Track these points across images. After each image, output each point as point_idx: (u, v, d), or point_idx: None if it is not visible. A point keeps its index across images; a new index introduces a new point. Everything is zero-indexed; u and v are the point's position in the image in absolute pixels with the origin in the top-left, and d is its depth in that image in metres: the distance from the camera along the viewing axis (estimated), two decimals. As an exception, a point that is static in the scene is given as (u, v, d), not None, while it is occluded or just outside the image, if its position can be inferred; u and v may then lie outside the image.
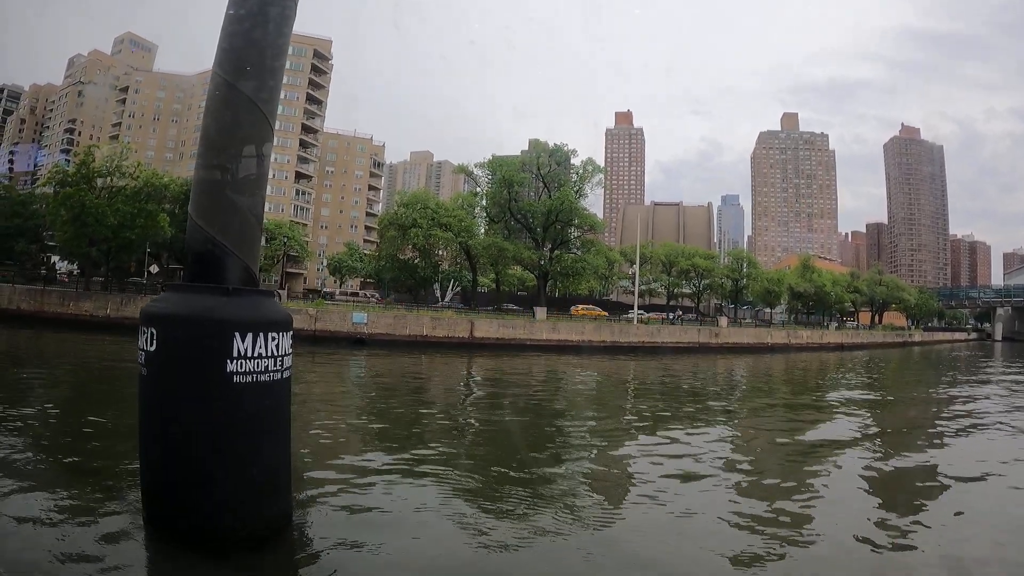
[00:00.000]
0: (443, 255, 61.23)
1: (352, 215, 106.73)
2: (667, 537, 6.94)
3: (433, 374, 25.33)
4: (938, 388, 27.82)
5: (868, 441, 13.44)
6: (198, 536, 5.25)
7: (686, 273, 72.75)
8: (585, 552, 6.31)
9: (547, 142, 57.17)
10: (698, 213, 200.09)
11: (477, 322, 41.07)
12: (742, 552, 6.42)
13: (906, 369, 43.73)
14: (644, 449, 11.56)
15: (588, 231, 58.01)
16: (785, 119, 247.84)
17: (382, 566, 5.67)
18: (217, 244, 5.50)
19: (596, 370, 30.06)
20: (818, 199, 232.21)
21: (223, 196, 5.57)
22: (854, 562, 6.34)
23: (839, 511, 7.88)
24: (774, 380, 29.97)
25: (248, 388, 5.28)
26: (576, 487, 8.88)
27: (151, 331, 5.28)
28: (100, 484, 7.11)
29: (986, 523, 7.61)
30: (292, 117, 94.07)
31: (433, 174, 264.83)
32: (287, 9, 5.85)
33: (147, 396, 5.44)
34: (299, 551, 5.81)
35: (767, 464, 10.84)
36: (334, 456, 9.68)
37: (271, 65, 5.76)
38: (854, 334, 78.53)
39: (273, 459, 5.66)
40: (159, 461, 5.41)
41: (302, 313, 37.27)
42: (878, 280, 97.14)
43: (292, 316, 6.09)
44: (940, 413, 18.89)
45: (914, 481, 9.90)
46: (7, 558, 5.20)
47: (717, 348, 50.30)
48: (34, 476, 7.38)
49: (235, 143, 5.60)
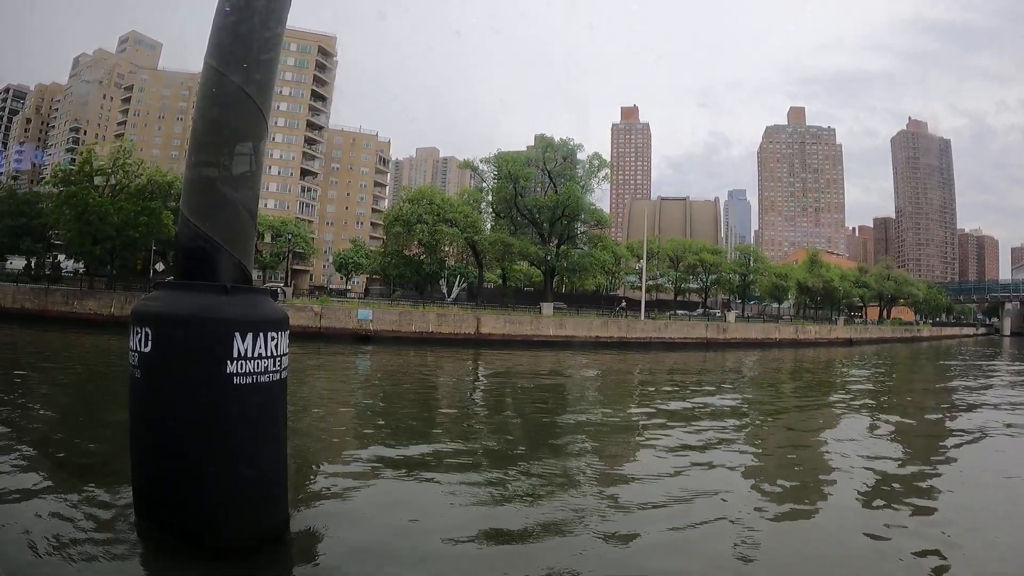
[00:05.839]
0: (449, 251, 61.07)
1: (358, 212, 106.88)
2: (678, 529, 6.84)
3: (438, 370, 25.18)
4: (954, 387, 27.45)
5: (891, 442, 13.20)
6: (194, 539, 5.16)
7: (693, 268, 72.46)
8: (595, 545, 6.25)
9: (553, 137, 56.83)
10: (705, 208, 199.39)
11: (483, 318, 40.91)
12: (747, 553, 6.30)
13: (916, 365, 43.34)
14: (652, 442, 11.45)
15: (595, 226, 57.75)
16: (792, 113, 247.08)
17: (382, 567, 5.56)
18: (209, 241, 5.34)
19: (603, 365, 29.88)
20: (825, 193, 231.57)
21: (215, 191, 5.40)
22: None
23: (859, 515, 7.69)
24: (781, 376, 29.72)
25: (247, 389, 5.13)
26: (586, 482, 8.76)
27: (145, 331, 5.11)
28: (99, 484, 7.01)
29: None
30: (297, 114, 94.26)
31: (439, 170, 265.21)
32: (278, 1, 5.67)
33: (141, 399, 5.30)
34: (298, 552, 5.74)
35: (784, 471, 10.62)
36: (334, 456, 9.60)
37: (264, 58, 5.59)
38: (862, 329, 78.02)
39: (271, 461, 5.54)
40: (154, 464, 5.28)
41: (307, 310, 37.13)
42: (886, 275, 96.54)
43: (289, 315, 5.95)
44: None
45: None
46: (4, 558, 5.13)
47: (725, 343, 49.98)
48: (32, 476, 7.31)
49: (227, 137, 5.44)
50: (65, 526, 5.80)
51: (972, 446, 12.65)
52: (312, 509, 6.81)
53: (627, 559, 6.03)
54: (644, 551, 6.22)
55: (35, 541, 5.45)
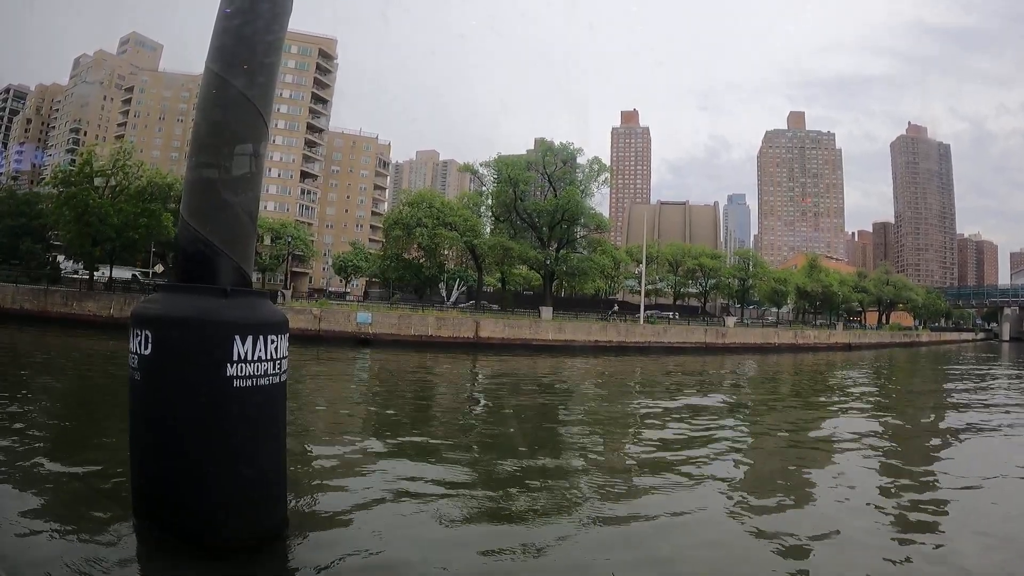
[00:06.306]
0: (448, 255, 61.03)
1: (358, 214, 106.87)
2: (677, 533, 6.90)
3: (438, 374, 25.15)
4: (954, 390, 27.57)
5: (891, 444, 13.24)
6: (194, 539, 5.18)
7: (692, 273, 72.45)
8: (595, 550, 6.27)
9: (553, 141, 56.84)
10: (704, 212, 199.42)
11: (483, 322, 40.87)
12: (749, 551, 6.39)
13: (915, 369, 43.35)
14: (652, 448, 11.46)
15: (595, 230, 57.71)
16: (792, 118, 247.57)
17: (382, 567, 5.59)
18: (208, 244, 5.36)
19: (602, 370, 29.86)
20: (824, 198, 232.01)
21: (215, 195, 5.43)
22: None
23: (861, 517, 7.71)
24: (781, 381, 29.71)
25: (247, 392, 5.16)
26: (585, 486, 8.74)
27: (145, 333, 5.13)
28: (99, 485, 7.08)
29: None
30: (297, 116, 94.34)
31: (439, 173, 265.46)
32: (282, 5, 5.71)
33: (141, 401, 5.32)
34: (298, 552, 5.75)
35: (778, 464, 10.69)
36: (333, 458, 9.57)
37: (265, 61, 5.62)
38: (861, 334, 78.03)
39: (271, 460, 5.57)
40: (154, 464, 5.31)
41: (306, 313, 37.12)
42: (885, 280, 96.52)
43: (289, 319, 5.97)
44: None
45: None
46: (4, 558, 5.14)
47: (724, 348, 49.99)
48: (31, 476, 7.34)
49: (228, 140, 5.46)
50: (65, 526, 5.80)
51: (971, 446, 12.76)
52: (312, 509, 6.83)
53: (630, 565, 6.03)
54: (648, 556, 6.24)
55: (35, 541, 5.46)
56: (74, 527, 5.79)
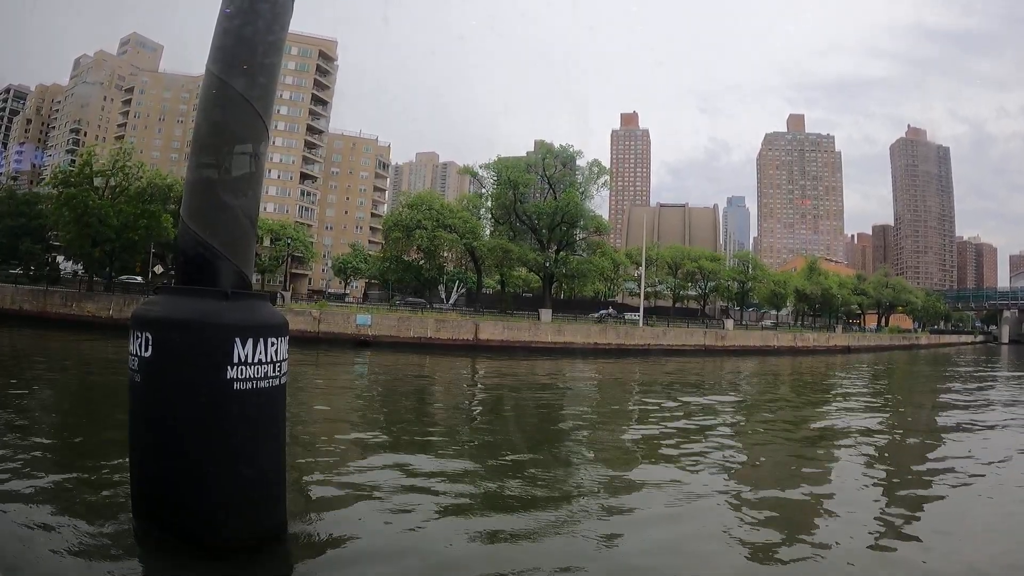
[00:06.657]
0: (448, 257, 61.01)
1: (357, 216, 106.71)
2: (674, 533, 6.95)
3: (436, 376, 25.14)
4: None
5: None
6: (194, 539, 5.18)
7: (692, 275, 72.41)
8: (592, 547, 6.33)
9: (553, 143, 56.83)
10: (704, 215, 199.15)
11: (482, 324, 40.89)
12: (749, 553, 6.39)
13: (914, 371, 43.36)
14: (651, 448, 11.47)
15: (594, 232, 57.72)
16: (791, 120, 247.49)
17: (381, 567, 5.60)
18: (208, 247, 5.37)
19: (601, 372, 29.84)
20: (824, 201, 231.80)
21: (215, 197, 5.43)
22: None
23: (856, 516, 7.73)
24: (781, 383, 29.71)
25: (247, 395, 5.16)
26: (583, 486, 8.78)
27: (145, 336, 5.13)
28: (99, 486, 7.08)
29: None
30: (297, 118, 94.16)
31: (439, 175, 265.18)
32: (282, 6, 5.71)
33: (141, 403, 5.32)
34: (298, 552, 5.77)
35: (778, 469, 10.68)
36: (333, 458, 9.60)
37: (265, 63, 5.62)
38: (861, 337, 78.17)
39: (271, 461, 5.58)
40: (154, 464, 5.31)
41: (306, 315, 37.12)
42: (885, 282, 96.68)
43: (288, 320, 5.98)
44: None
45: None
46: (4, 558, 5.14)
47: (723, 351, 49.99)
48: (32, 477, 7.33)
49: (228, 142, 5.46)
50: (65, 527, 5.81)
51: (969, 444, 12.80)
52: (311, 510, 6.84)
53: (626, 562, 6.06)
54: (644, 554, 6.27)
55: (35, 541, 5.46)
56: (74, 527, 5.78)
